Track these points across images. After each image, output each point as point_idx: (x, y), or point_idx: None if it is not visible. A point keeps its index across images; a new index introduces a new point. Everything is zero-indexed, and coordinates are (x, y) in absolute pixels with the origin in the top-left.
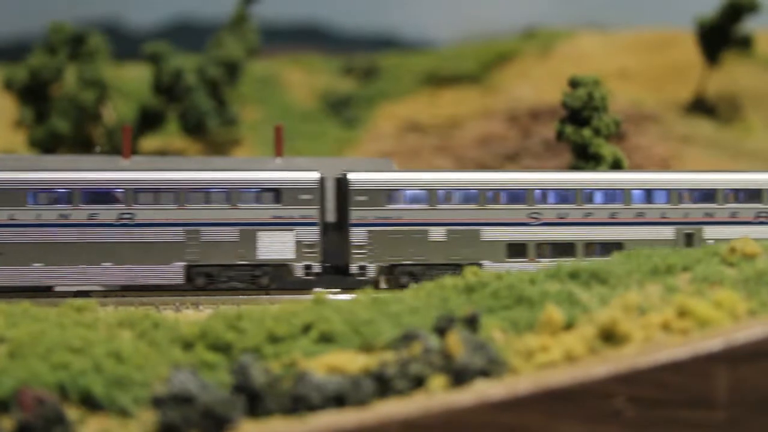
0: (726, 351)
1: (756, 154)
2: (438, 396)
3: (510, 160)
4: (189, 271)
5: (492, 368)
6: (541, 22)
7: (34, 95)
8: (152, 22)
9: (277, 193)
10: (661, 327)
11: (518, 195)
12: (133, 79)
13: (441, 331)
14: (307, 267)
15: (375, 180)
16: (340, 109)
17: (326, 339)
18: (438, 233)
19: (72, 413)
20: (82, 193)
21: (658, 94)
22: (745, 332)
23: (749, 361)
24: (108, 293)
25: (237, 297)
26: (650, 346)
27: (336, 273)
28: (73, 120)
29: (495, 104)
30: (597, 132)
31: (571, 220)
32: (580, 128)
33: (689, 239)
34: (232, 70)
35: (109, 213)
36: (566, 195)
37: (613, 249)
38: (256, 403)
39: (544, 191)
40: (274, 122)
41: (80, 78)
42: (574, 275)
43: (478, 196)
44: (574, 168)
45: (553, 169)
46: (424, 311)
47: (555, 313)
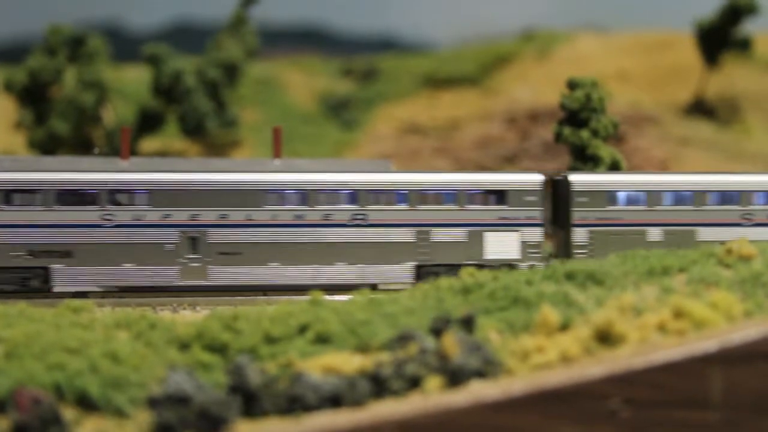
0: (721, 352)
1: (755, 155)
2: (433, 397)
3: (509, 162)
4: (418, 270)
5: (487, 369)
6: (539, 24)
7: (34, 97)
8: (151, 25)
9: (502, 195)
10: (656, 328)
11: (731, 196)
12: (133, 80)
13: (437, 331)
14: (531, 267)
15: (595, 182)
16: (340, 111)
17: (322, 340)
18: (655, 233)
19: (68, 414)
20: (318, 195)
21: (657, 95)
22: (740, 333)
23: (744, 363)
24: (106, 294)
25: (234, 298)
26: (646, 347)
27: None
28: (73, 121)
29: (494, 106)
30: (595, 133)
31: None
32: (579, 130)
33: None
34: (232, 71)
35: (342, 214)
36: None
37: None
38: (252, 403)
39: (755, 193)
40: (273, 124)
41: (80, 80)
42: (570, 276)
43: (693, 197)
44: (573, 169)
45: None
46: (420, 312)
47: (551, 314)
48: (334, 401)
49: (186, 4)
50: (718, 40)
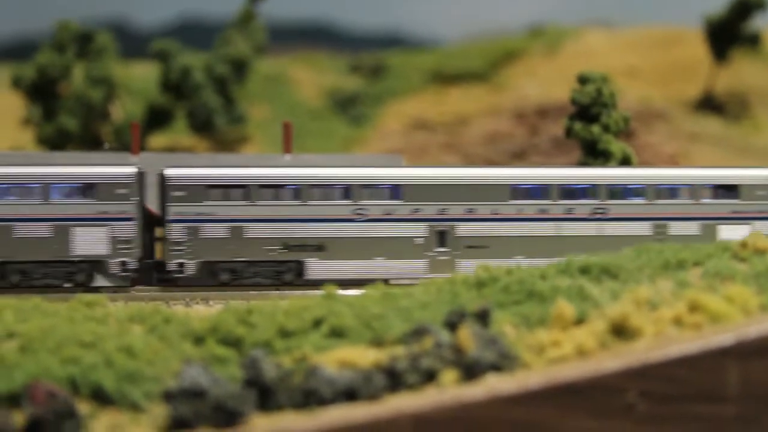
0: (737, 346)
1: (764, 150)
2: (449, 390)
3: (518, 158)
4: None
5: (503, 363)
6: (548, 20)
7: (42, 93)
8: (158, 21)
9: (734, 189)
10: (672, 322)
11: None
12: (141, 77)
13: (452, 325)
14: None
15: None
16: (348, 107)
17: (337, 333)
18: None
19: (83, 407)
20: (559, 189)
21: (666, 91)
22: (756, 327)
23: (760, 356)
24: (117, 289)
25: (246, 292)
26: (661, 340)
27: None
28: (81, 118)
29: (502, 102)
30: (606, 128)
31: None
32: (589, 125)
33: None
34: (240, 67)
35: (584, 208)
36: None
37: None
38: (267, 397)
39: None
40: (281, 120)
41: (88, 76)
42: (584, 270)
43: None
44: (583, 164)
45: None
46: (434, 306)
47: (566, 307)
48: (349, 395)
49: (191, 0)
50: (727, 35)
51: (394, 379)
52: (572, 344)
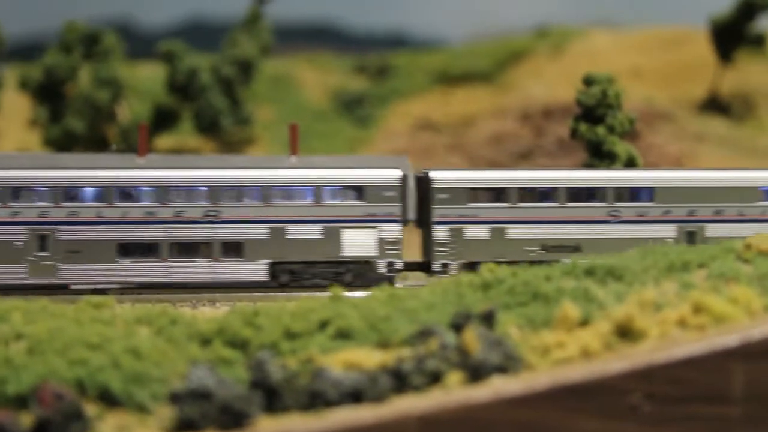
0: (742, 347)
1: None
2: (455, 392)
3: (523, 159)
4: None
5: (508, 364)
6: (553, 21)
7: (49, 94)
8: (164, 22)
9: None
10: (677, 323)
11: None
12: (147, 78)
13: (457, 327)
14: None
15: None
16: (353, 108)
17: (343, 335)
18: None
19: (90, 409)
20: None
21: (671, 92)
22: (761, 328)
23: (765, 357)
24: (124, 290)
25: (253, 294)
26: (666, 342)
27: None
28: (88, 119)
29: (508, 103)
30: (611, 130)
31: None
32: (594, 126)
33: None
34: (246, 69)
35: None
36: None
37: None
38: (273, 398)
39: None
40: (287, 121)
41: (95, 77)
42: (589, 272)
43: None
44: (589, 166)
45: None
46: (440, 307)
47: (571, 309)
48: (355, 396)
49: (198, 1)
50: (732, 36)
51: (399, 381)
52: (577, 346)
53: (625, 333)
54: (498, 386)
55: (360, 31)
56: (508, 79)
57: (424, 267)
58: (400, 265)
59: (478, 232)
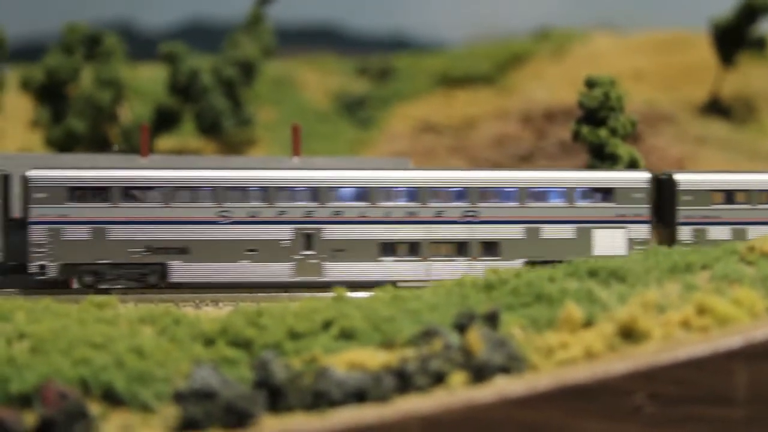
0: (745, 348)
1: None
2: (458, 392)
3: (525, 161)
4: None
5: (512, 365)
6: (554, 23)
7: (51, 95)
8: (165, 24)
9: None
10: (680, 324)
11: None
12: (148, 79)
13: (461, 327)
14: None
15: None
16: (355, 110)
17: (347, 335)
18: None
19: (94, 408)
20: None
21: (673, 95)
22: (764, 330)
23: None
24: (128, 291)
25: (256, 294)
26: (670, 343)
27: None
28: (90, 120)
29: (509, 105)
30: (613, 132)
31: None
32: (597, 128)
33: None
34: (248, 70)
35: None
36: None
37: None
38: (277, 398)
39: None
40: (289, 123)
41: (96, 78)
42: (592, 273)
43: None
44: (590, 167)
45: None
46: (443, 308)
47: (574, 310)
48: (359, 396)
49: (198, 3)
50: (733, 39)
51: (403, 381)
52: (580, 347)
53: (629, 334)
54: (501, 387)
55: (362, 33)
56: (509, 82)
57: None
58: None
59: (720, 233)
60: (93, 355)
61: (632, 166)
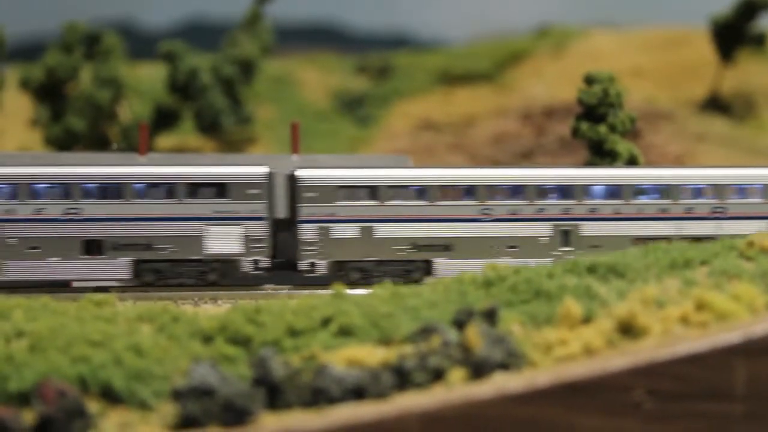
0: (745, 344)
1: None
2: (457, 389)
3: (525, 158)
4: None
5: (511, 361)
6: (554, 21)
7: (50, 94)
8: (165, 22)
9: None
10: (679, 320)
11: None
12: (148, 78)
13: (460, 324)
14: None
15: None
16: (354, 108)
17: (345, 332)
18: None
19: (92, 406)
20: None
21: (672, 92)
22: (763, 325)
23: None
24: (126, 288)
25: (255, 292)
26: (669, 339)
27: None
28: (89, 118)
29: (509, 102)
30: (613, 128)
31: None
32: (596, 125)
33: None
34: (247, 68)
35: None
36: None
37: None
38: (275, 395)
39: None
40: (288, 121)
41: (96, 77)
42: (591, 269)
43: None
44: (589, 164)
45: None
46: (442, 305)
47: (573, 306)
48: (357, 393)
49: (198, 2)
50: (733, 36)
51: (402, 378)
52: (579, 343)
53: (628, 330)
54: (500, 383)
55: (361, 31)
56: (509, 79)
57: None
58: None
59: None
60: (91, 353)
61: (631, 162)
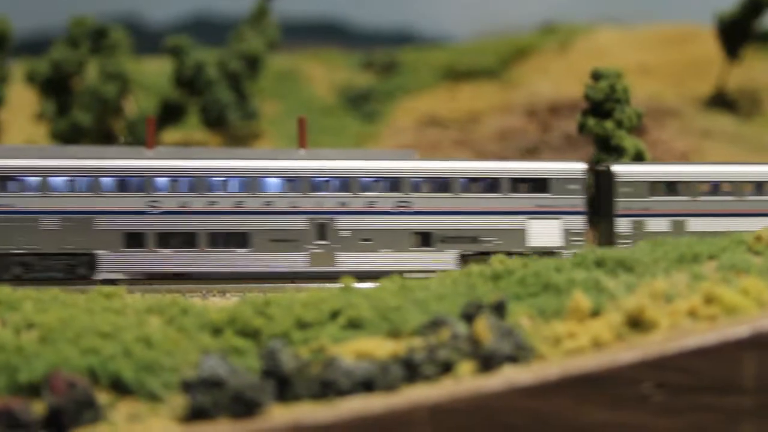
0: (753, 337)
1: None
2: (466, 381)
3: (530, 154)
4: None
5: (520, 354)
6: (559, 17)
7: (56, 88)
8: (171, 17)
9: None
10: (687, 314)
11: None
12: (154, 72)
13: (469, 317)
14: None
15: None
16: (360, 104)
17: (354, 325)
18: None
19: (102, 397)
20: None
21: (678, 88)
22: None
23: None
24: (135, 281)
25: (263, 285)
26: (677, 332)
27: None
28: (95, 113)
29: (514, 98)
30: (619, 124)
31: None
32: (603, 121)
33: None
34: (253, 63)
35: None
36: None
37: None
38: (285, 387)
39: None
40: (294, 116)
41: (102, 71)
42: (600, 263)
43: None
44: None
45: None
46: (451, 298)
47: (582, 300)
48: (366, 386)
49: None
50: (739, 33)
51: (411, 371)
52: (588, 336)
53: (636, 323)
54: (509, 376)
55: (367, 27)
56: (514, 76)
57: None
58: None
59: None
60: (101, 345)
61: (638, 158)
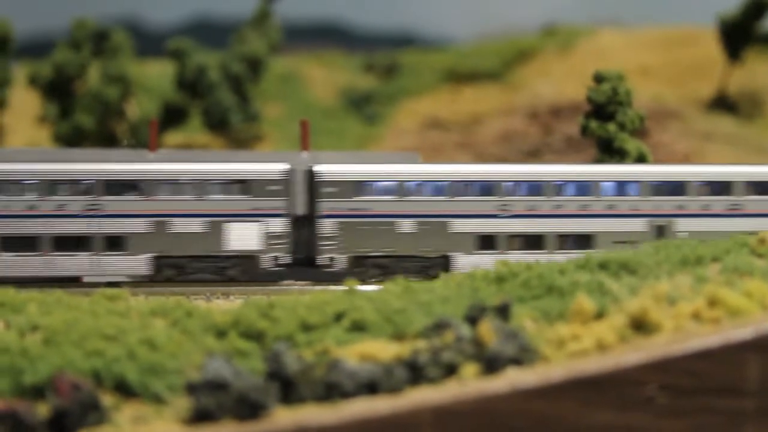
0: (757, 340)
1: None
2: (470, 384)
3: (532, 156)
4: None
5: (524, 356)
6: (561, 19)
7: (59, 91)
8: (173, 20)
9: None
10: (691, 316)
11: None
12: (156, 75)
13: (472, 319)
14: None
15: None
16: (362, 106)
17: (358, 327)
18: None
19: (106, 399)
20: None
21: (680, 90)
22: None
23: None
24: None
25: (266, 287)
26: (681, 334)
27: None
28: (97, 115)
29: (516, 101)
30: (622, 127)
31: None
32: (605, 123)
33: None
34: (255, 66)
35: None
36: None
37: None
38: (289, 390)
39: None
40: (295, 118)
41: (104, 74)
42: (603, 266)
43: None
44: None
45: None
46: (455, 301)
47: (586, 302)
48: (370, 388)
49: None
50: (740, 34)
51: (415, 373)
52: (592, 338)
53: (640, 326)
54: (513, 378)
55: (368, 29)
56: (516, 78)
57: None
58: None
59: None
60: (105, 347)
61: (640, 160)
